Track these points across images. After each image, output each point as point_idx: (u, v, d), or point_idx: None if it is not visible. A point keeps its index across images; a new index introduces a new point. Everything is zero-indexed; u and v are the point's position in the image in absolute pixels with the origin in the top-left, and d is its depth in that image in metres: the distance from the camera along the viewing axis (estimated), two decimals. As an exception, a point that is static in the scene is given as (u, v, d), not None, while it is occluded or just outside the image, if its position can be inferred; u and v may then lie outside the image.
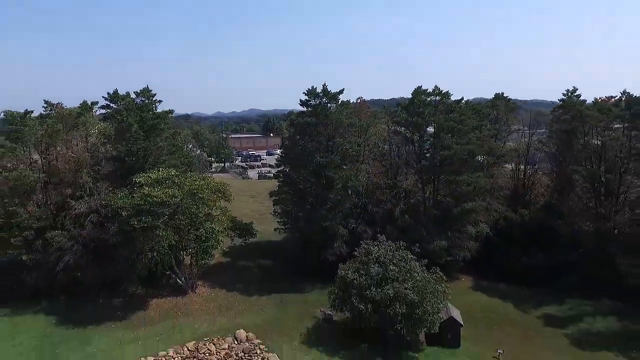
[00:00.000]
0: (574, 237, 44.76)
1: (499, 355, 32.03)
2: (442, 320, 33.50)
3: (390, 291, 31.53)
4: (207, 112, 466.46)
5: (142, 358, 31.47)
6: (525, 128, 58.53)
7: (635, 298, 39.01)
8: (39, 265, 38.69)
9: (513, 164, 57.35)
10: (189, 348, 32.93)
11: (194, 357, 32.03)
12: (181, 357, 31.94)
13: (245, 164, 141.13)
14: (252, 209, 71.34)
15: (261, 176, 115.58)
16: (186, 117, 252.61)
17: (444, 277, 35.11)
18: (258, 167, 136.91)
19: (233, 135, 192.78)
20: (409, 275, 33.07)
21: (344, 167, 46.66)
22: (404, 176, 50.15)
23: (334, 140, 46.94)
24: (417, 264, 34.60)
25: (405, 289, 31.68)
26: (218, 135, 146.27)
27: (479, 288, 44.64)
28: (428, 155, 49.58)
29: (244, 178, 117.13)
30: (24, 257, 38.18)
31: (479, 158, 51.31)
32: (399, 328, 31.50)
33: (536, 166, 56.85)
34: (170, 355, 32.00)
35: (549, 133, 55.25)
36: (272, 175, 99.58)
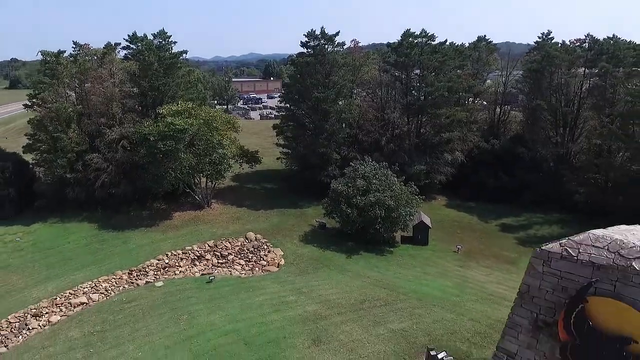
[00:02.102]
0: (534, 162, 52.00)
1: (457, 250, 40.08)
2: (415, 223, 41.36)
3: (372, 198, 39.00)
4: (206, 57, 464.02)
5: (173, 250, 39.54)
6: (503, 69, 64.54)
7: (579, 212, 46.69)
8: (80, 182, 46.10)
9: (490, 101, 63.83)
10: (210, 244, 40.90)
11: (214, 250, 40.08)
12: (204, 250, 39.96)
13: (247, 106, 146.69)
14: (255, 143, 77.71)
15: (263, 117, 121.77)
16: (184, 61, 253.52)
17: (418, 189, 42.48)
18: (260, 109, 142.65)
19: (235, 79, 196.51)
20: (388, 187, 40.45)
21: (339, 101, 53.38)
22: (391, 110, 56.66)
23: (330, 78, 53.10)
24: (396, 179, 41.99)
25: (385, 197, 39.17)
26: (221, 78, 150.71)
27: (451, 206, 52.46)
28: (413, 91, 56.12)
29: (246, 119, 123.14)
30: (68, 176, 45.37)
31: (459, 94, 57.69)
32: (378, 228, 39.25)
33: (510, 105, 63.38)
34: (195, 249, 39.99)
35: (523, 73, 61.32)
36: (273, 116, 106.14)
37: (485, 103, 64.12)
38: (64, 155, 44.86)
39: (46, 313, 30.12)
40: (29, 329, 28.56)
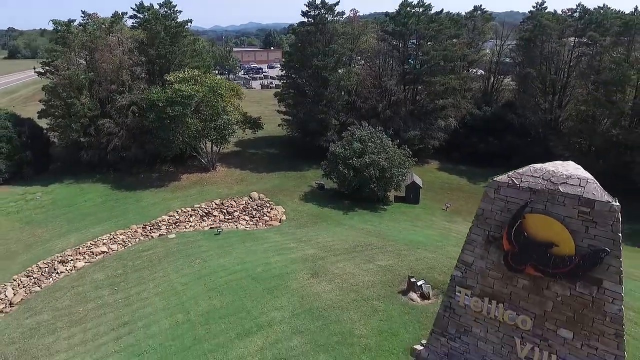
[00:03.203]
0: (523, 128, 54.63)
1: (446, 208, 43.19)
2: (407, 184, 44.34)
3: (368, 160, 41.83)
4: (205, 26, 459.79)
5: (182, 208, 42.64)
6: (498, 38, 66.46)
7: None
8: (93, 146, 48.86)
9: (484, 70, 66.01)
10: (216, 203, 44.00)
11: (221, 208, 43.20)
12: (211, 207, 43.07)
13: (248, 76, 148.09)
14: (257, 111, 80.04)
15: (264, 86, 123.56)
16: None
17: (410, 152, 45.26)
18: (260, 78, 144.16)
19: (235, 49, 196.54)
20: (382, 149, 43.23)
21: (338, 69, 55.72)
22: (388, 78, 58.94)
23: (330, 47, 55.21)
24: (390, 142, 44.73)
25: (379, 158, 42.02)
26: (222, 48, 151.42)
27: (443, 169, 55.39)
28: (410, 60, 58.33)
29: (247, 88, 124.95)
30: (81, 139, 48.11)
31: (454, 63, 59.81)
32: (373, 187, 42.22)
33: (503, 75, 65.56)
34: (203, 207, 43.10)
35: (516, 42, 63.30)
36: (273, 85, 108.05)
37: (480, 72, 66.27)
38: (77, 120, 47.46)
39: (71, 260, 33.43)
40: (57, 272, 31.92)
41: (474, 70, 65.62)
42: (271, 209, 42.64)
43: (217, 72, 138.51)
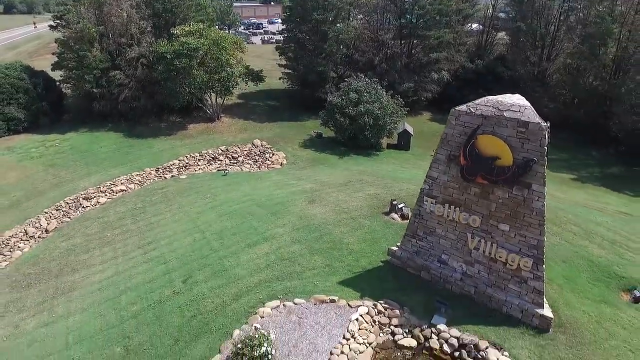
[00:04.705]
0: (513, 80, 57.34)
1: (434, 153, 46.48)
2: (399, 131, 47.65)
3: (363, 109, 44.95)
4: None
5: (191, 153, 46.16)
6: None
7: (551, 124, 52.55)
8: (105, 97, 51.79)
9: (479, 25, 67.95)
10: (222, 149, 47.48)
11: (226, 153, 46.71)
12: (217, 153, 46.60)
13: (249, 31, 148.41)
14: (259, 65, 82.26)
15: (264, 42, 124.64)
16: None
17: (403, 102, 48.33)
18: (261, 34, 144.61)
19: (235, 4, 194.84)
20: (377, 99, 46.29)
21: (337, 23, 57.86)
22: (385, 32, 61.14)
23: (329, 1, 57.10)
24: (384, 93, 47.71)
25: (373, 107, 45.14)
26: (222, 2, 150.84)
27: (435, 120, 58.54)
28: (407, 14, 60.35)
29: (248, 43, 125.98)
30: (94, 90, 51.03)
31: (449, 17, 61.78)
32: (367, 134, 45.56)
33: (496, 30, 67.50)
34: (210, 152, 46.62)
35: (512, -4, 64.98)
36: (274, 40, 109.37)
37: (475, 26, 68.20)
38: (90, 71, 50.22)
39: (94, 196, 37.28)
40: (83, 207, 35.82)
41: (469, 24, 67.54)
42: (273, 154, 46.15)
43: (217, 27, 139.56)
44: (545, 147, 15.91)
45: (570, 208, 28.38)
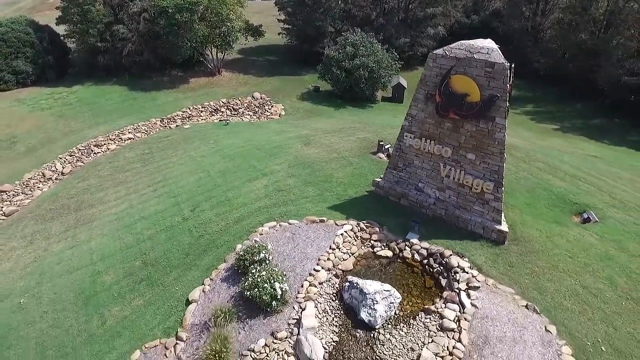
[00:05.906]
0: (506, 35, 58.57)
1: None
2: (393, 85, 49.50)
3: (358, 62, 46.70)
4: None
5: (193, 105, 48.25)
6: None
7: (539, 78, 54.38)
8: (109, 51, 53.40)
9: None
10: (223, 101, 49.50)
11: (227, 105, 48.77)
12: (219, 105, 48.66)
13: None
14: (258, 20, 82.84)
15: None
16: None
17: (397, 56, 49.94)
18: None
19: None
20: (372, 53, 47.93)
21: (336, -22, 58.71)
22: (382, -13, 61.98)
23: (327, -45, 57.87)
24: (380, 47, 49.27)
25: (369, 61, 46.85)
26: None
27: (430, 74, 59.99)
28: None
29: None
30: (98, 44, 52.61)
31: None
32: (362, 87, 47.46)
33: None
34: (212, 104, 48.68)
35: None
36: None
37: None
38: (94, 26, 51.62)
39: (104, 144, 39.69)
40: (94, 153, 38.28)
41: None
42: (272, 106, 48.21)
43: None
44: (508, 85, 18.12)
45: (543, 150, 30.81)
